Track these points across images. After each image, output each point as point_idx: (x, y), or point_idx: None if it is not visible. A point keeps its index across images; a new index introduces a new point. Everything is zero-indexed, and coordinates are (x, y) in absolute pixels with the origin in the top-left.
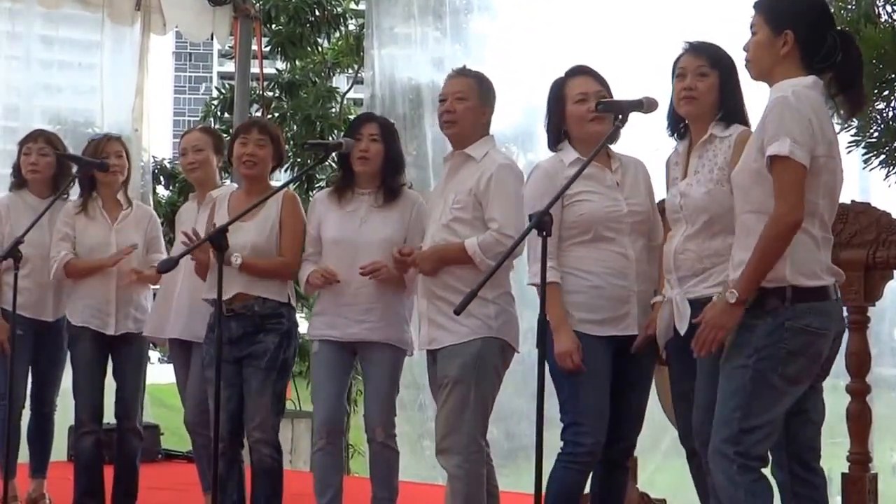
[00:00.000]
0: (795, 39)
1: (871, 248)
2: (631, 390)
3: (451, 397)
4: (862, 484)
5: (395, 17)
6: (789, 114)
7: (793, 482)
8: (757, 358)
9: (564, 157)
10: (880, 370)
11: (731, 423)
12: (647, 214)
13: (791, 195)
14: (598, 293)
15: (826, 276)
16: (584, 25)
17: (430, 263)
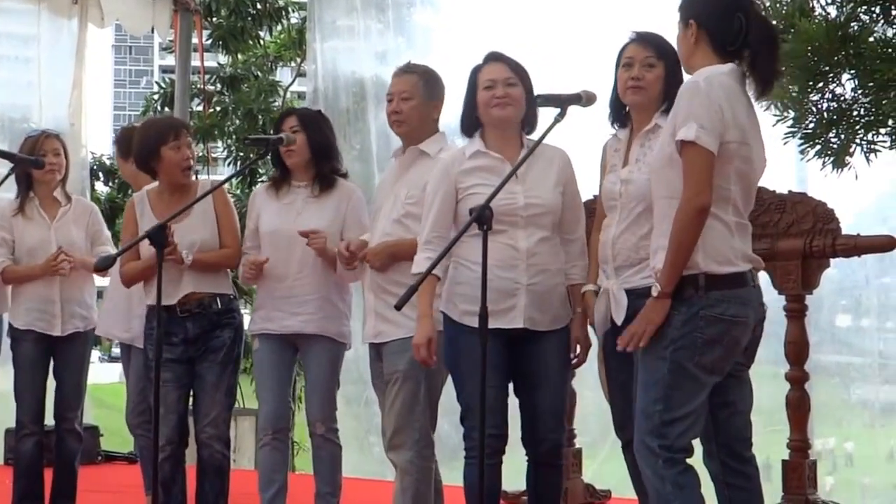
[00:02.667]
0: (699, 28)
1: (808, 238)
2: (538, 389)
3: (402, 393)
4: (801, 470)
5: (338, 10)
6: (698, 99)
7: (725, 472)
8: (673, 348)
9: (468, 148)
10: (820, 357)
11: (653, 416)
12: (548, 208)
13: (696, 180)
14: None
15: (741, 262)
16: (527, 17)
17: (381, 259)
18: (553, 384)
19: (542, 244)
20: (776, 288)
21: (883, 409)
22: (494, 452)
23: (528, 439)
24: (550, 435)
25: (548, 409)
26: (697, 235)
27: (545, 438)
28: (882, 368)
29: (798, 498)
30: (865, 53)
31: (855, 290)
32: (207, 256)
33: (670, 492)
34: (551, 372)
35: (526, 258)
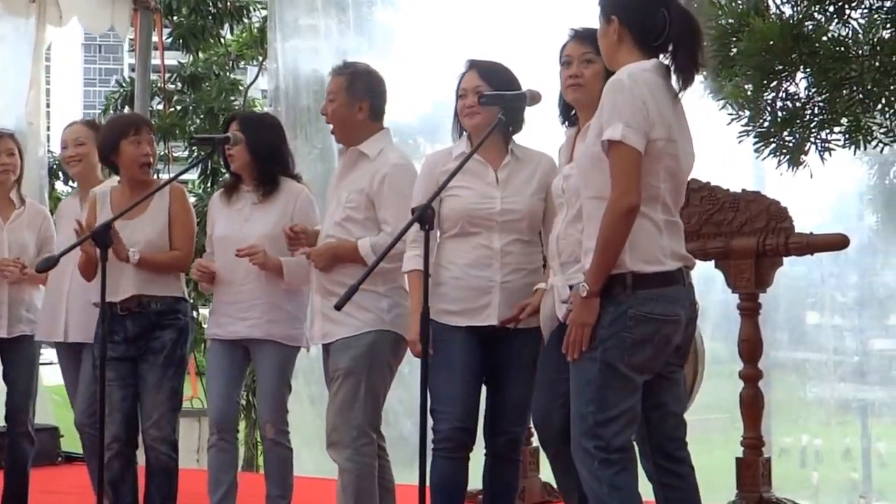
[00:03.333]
0: (621, 24)
1: (762, 236)
2: (507, 383)
3: (342, 390)
4: (755, 468)
5: (299, 9)
6: (622, 98)
7: (659, 473)
8: (603, 349)
9: (455, 149)
10: (777, 354)
11: (587, 418)
12: (524, 214)
13: (623, 180)
14: (457, 283)
15: (670, 261)
16: (490, 16)
17: (324, 260)
18: (521, 380)
19: (515, 244)
20: (730, 286)
21: (838, 406)
22: (461, 447)
23: (489, 432)
24: (511, 428)
25: (513, 404)
26: (626, 235)
27: (506, 431)
28: (837, 366)
29: (752, 496)
30: (819, 52)
31: (811, 289)
32: (155, 257)
33: (606, 493)
34: (521, 368)
35: (500, 257)
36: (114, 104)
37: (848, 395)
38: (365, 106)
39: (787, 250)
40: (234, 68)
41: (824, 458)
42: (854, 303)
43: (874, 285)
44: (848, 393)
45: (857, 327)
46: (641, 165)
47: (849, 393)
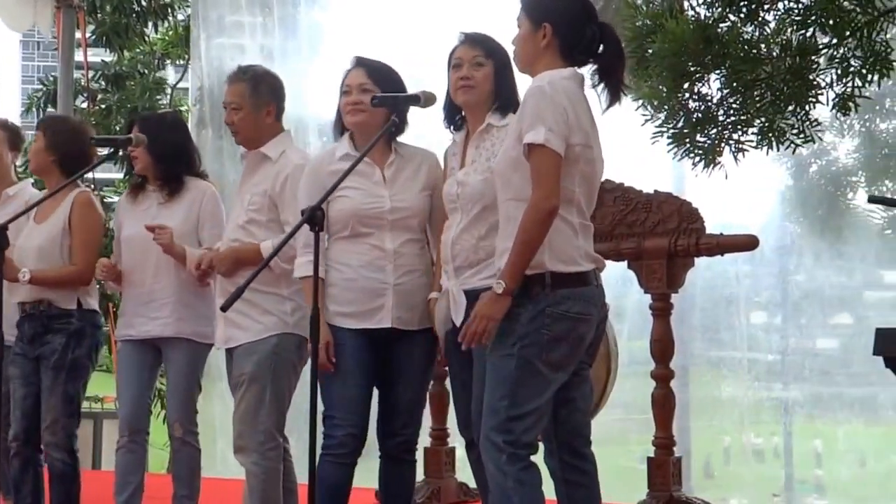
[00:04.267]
0: (554, 32)
1: (674, 237)
2: (398, 384)
3: (247, 395)
4: (666, 467)
5: (223, 7)
6: (545, 103)
7: (563, 469)
8: (520, 346)
9: (338, 149)
10: (693, 352)
11: (499, 412)
12: (414, 211)
13: (546, 182)
14: (350, 285)
15: (585, 262)
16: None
17: (227, 265)
18: (413, 381)
19: (408, 245)
20: (642, 287)
21: (753, 404)
22: (352, 452)
23: (382, 433)
24: (404, 430)
25: (404, 405)
26: (544, 236)
27: (399, 433)
28: (753, 365)
29: (662, 495)
30: (731, 54)
31: (727, 289)
32: (46, 275)
33: (511, 487)
34: (413, 369)
35: (393, 259)
36: (36, 103)
37: (763, 393)
38: (272, 108)
39: (698, 251)
40: (159, 67)
41: (740, 456)
42: (769, 302)
43: (789, 285)
44: (763, 392)
45: (773, 327)
46: (561, 169)
47: (764, 392)
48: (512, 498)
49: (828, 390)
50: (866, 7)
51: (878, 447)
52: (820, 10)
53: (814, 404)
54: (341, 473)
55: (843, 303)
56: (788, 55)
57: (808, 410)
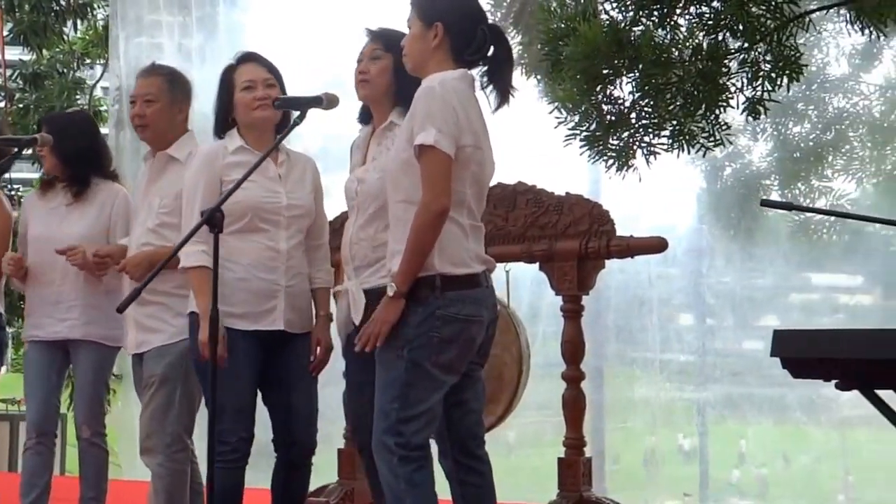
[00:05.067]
0: (445, 32)
1: (584, 239)
2: (294, 391)
3: (157, 397)
4: (577, 467)
5: (142, 6)
6: (435, 104)
7: (458, 470)
8: (410, 348)
9: (229, 143)
10: (607, 354)
11: (390, 414)
12: (306, 210)
13: (436, 184)
14: (241, 286)
15: (475, 264)
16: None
17: (142, 270)
18: (306, 386)
19: (298, 247)
20: (554, 288)
21: (666, 405)
22: (244, 456)
23: (281, 441)
24: (303, 437)
25: (301, 412)
26: (436, 238)
27: (298, 440)
28: (665, 366)
29: (573, 495)
30: (643, 58)
31: (639, 291)
32: None
33: (403, 489)
34: (304, 373)
35: (286, 260)
36: None
37: (675, 394)
38: (185, 108)
39: (609, 253)
40: (78, 66)
41: (652, 456)
42: (681, 304)
43: (701, 287)
44: (675, 392)
45: (685, 328)
46: (451, 170)
47: (676, 392)
48: (404, 500)
49: (739, 391)
50: (775, 13)
51: (786, 447)
52: (730, 16)
53: (725, 405)
54: (235, 477)
55: (754, 304)
56: (699, 59)
57: (720, 411)
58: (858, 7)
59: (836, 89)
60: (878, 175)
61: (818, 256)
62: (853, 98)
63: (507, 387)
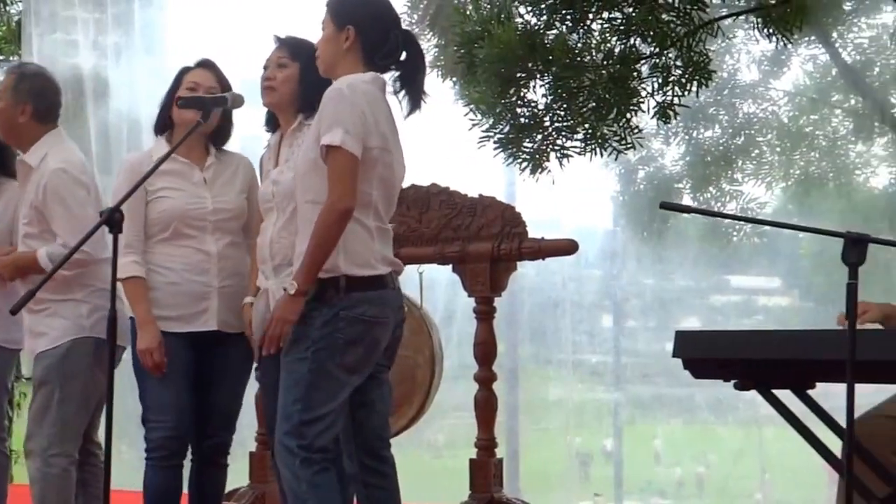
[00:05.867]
0: (357, 34)
1: (497, 241)
2: (217, 389)
3: (35, 401)
4: (488, 469)
5: (56, 3)
6: (343, 105)
7: (363, 472)
8: (315, 349)
9: (155, 151)
10: (521, 355)
11: (293, 416)
12: (235, 212)
13: (342, 183)
14: (174, 290)
15: (381, 265)
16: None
17: (10, 272)
18: (230, 385)
19: (231, 247)
20: (466, 290)
21: (579, 406)
22: (174, 455)
23: (197, 437)
24: (219, 433)
25: (221, 409)
26: (338, 238)
27: (213, 436)
28: (577, 367)
29: (483, 496)
30: (556, 61)
31: (553, 293)
32: None
33: (305, 491)
34: (232, 373)
35: (217, 261)
36: None
37: (588, 395)
38: (27, 108)
39: (521, 255)
40: None
41: (565, 457)
42: (593, 306)
43: (613, 289)
44: (588, 394)
45: (597, 330)
46: (357, 171)
47: (589, 393)
48: (307, 502)
49: (650, 392)
50: (685, 19)
51: (695, 446)
52: (641, 21)
53: (636, 405)
54: (166, 476)
55: (666, 306)
56: (611, 64)
57: (631, 411)
58: (766, 15)
59: (746, 95)
60: (786, 179)
61: (727, 259)
62: (763, 104)
63: (419, 389)
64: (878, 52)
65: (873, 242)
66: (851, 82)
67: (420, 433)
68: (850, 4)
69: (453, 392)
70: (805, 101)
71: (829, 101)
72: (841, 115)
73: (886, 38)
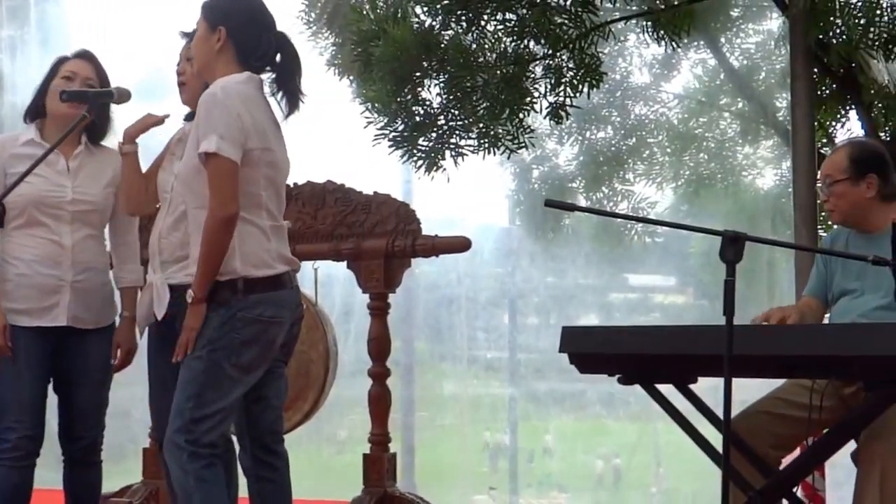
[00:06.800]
0: (228, 35)
1: (391, 238)
2: (80, 387)
3: None
4: (381, 463)
5: None
6: (217, 110)
7: (256, 466)
8: (210, 349)
9: (23, 135)
10: (417, 351)
11: (184, 413)
12: (96, 206)
13: (222, 190)
14: (23, 281)
15: (278, 264)
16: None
17: None
18: (94, 382)
19: (88, 241)
20: (361, 287)
21: (473, 401)
22: (28, 454)
23: (65, 437)
24: (88, 432)
25: (88, 408)
26: (226, 244)
27: (83, 436)
28: (472, 363)
29: (377, 490)
30: (451, 61)
31: (448, 289)
32: None
33: (192, 485)
34: (93, 370)
35: (71, 255)
36: None
37: (482, 390)
38: None
39: (415, 251)
40: None
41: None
42: (487, 302)
43: (507, 286)
44: (482, 389)
45: (491, 326)
46: (238, 175)
47: (483, 389)
48: (193, 496)
49: (543, 387)
50: (576, 22)
51: (588, 440)
52: (534, 23)
53: (530, 400)
54: (20, 476)
55: (558, 303)
56: (505, 64)
57: (525, 406)
58: (655, 19)
59: (638, 97)
60: (676, 179)
61: (620, 258)
62: (654, 106)
63: (313, 384)
64: (764, 58)
65: (750, 240)
66: (739, 86)
67: (322, 428)
68: (738, 11)
69: (352, 388)
70: (694, 103)
71: (717, 104)
72: (729, 117)
73: (772, 44)
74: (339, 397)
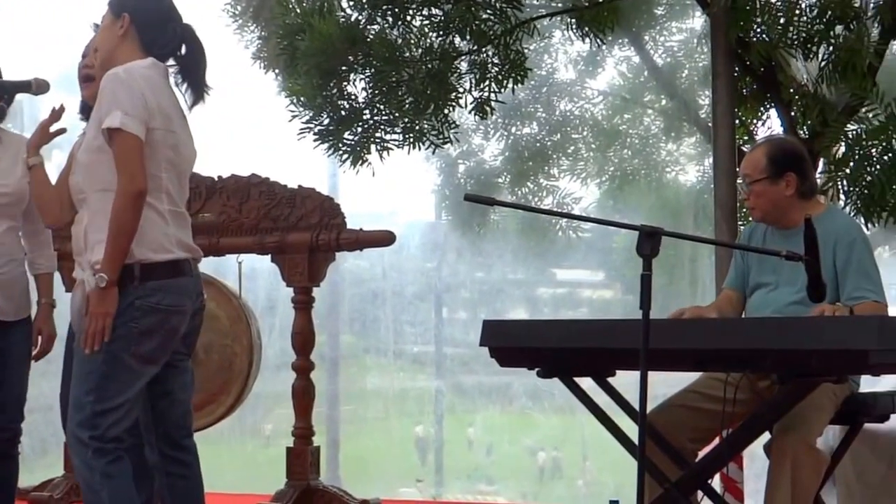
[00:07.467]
0: (132, 22)
1: (315, 232)
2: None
3: None
4: (305, 457)
5: None
6: (120, 88)
7: (164, 462)
8: (108, 340)
9: None
10: (342, 345)
11: (85, 407)
12: (17, 196)
13: (129, 166)
14: None
15: (178, 250)
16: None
17: None
18: (16, 375)
19: (9, 233)
20: (285, 280)
21: (398, 395)
22: None
23: None
24: (9, 425)
25: (9, 401)
26: (137, 220)
27: (5, 429)
28: (397, 357)
29: (300, 483)
30: (376, 55)
31: (373, 283)
32: None
33: (98, 481)
34: (14, 362)
35: None
36: None
37: (408, 384)
38: None
39: (339, 245)
40: None
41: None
42: (413, 296)
43: (433, 280)
44: (408, 382)
45: (417, 320)
46: (143, 152)
47: (409, 382)
48: (100, 492)
49: (469, 380)
50: (501, 17)
51: (512, 431)
52: (459, 18)
53: (455, 393)
54: None
55: (485, 297)
56: (430, 59)
57: (451, 399)
58: (580, 16)
59: (563, 93)
60: (601, 175)
61: (545, 253)
62: (579, 102)
63: (237, 377)
64: (687, 56)
65: (666, 235)
66: (662, 84)
67: (247, 422)
68: (662, 9)
69: (277, 381)
70: (619, 100)
71: (641, 101)
72: (652, 114)
73: (695, 42)
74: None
